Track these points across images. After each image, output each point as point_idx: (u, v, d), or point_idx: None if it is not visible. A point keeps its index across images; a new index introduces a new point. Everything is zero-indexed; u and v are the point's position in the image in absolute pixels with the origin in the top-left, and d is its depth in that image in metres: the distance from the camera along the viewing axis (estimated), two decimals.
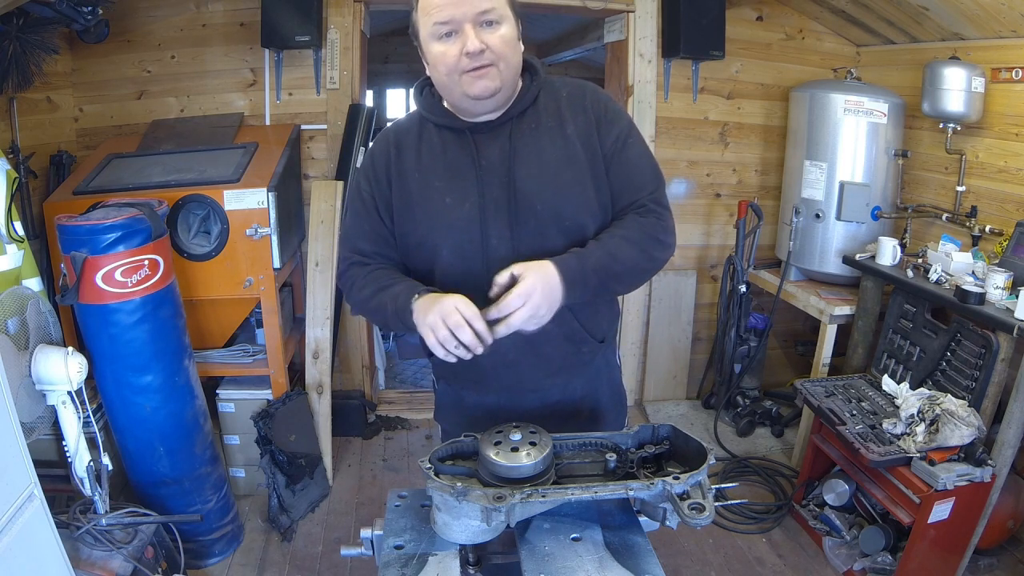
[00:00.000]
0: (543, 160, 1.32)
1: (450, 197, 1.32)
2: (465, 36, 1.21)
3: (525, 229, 1.31)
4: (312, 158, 3.32)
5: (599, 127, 1.35)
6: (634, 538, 1.16)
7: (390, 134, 1.42)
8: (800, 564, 2.57)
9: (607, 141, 1.35)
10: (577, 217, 1.33)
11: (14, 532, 1.43)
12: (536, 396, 1.46)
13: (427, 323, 1.19)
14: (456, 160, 1.33)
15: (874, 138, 2.98)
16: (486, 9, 1.21)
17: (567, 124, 1.34)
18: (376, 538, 1.23)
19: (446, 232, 1.33)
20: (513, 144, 1.32)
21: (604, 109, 1.37)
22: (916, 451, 2.21)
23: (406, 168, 1.36)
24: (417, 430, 3.53)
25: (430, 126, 1.37)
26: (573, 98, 1.37)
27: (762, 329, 3.41)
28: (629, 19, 3.33)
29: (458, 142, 1.34)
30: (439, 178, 1.34)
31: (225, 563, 2.52)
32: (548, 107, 1.36)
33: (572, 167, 1.32)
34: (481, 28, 1.21)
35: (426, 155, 1.35)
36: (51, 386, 1.96)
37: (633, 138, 1.38)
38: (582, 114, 1.35)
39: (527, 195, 1.30)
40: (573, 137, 1.33)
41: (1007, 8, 2.42)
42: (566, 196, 1.32)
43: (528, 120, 1.34)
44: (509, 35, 1.25)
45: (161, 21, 3.15)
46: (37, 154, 2.79)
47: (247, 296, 2.68)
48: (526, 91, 1.35)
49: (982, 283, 2.39)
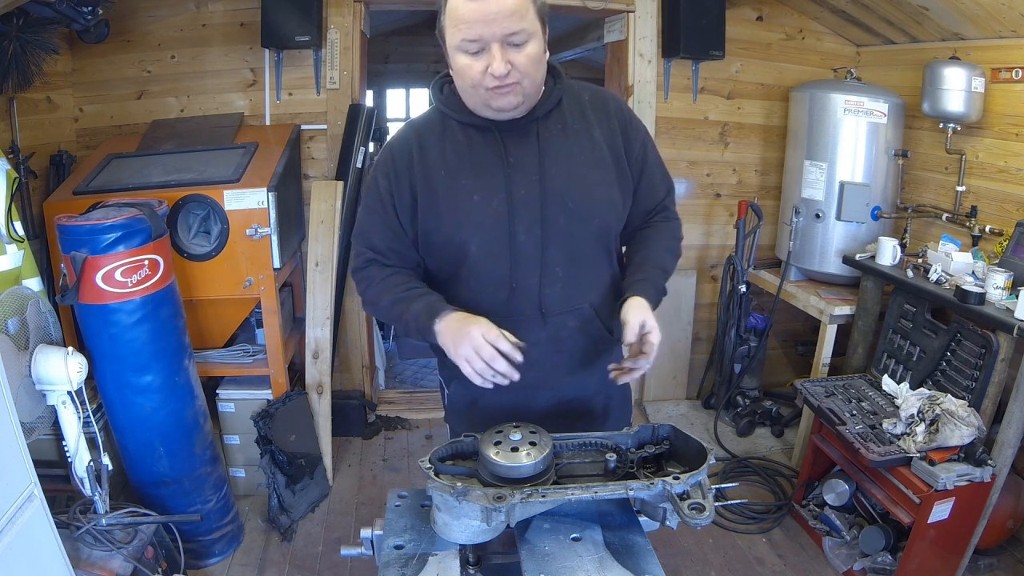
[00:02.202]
0: (573, 160, 1.35)
1: (478, 195, 1.33)
2: (492, 56, 1.21)
3: (555, 227, 1.34)
4: (312, 158, 3.32)
5: (624, 133, 1.41)
6: (634, 538, 1.16)
7: (411, 131, 1.42)
8: (800, 564, 2.57)
9: (633, 148, 1.41)
10: (604, 216, 1.39)
11: (14, 532, 1.43)
12: (552, 394, 1.47)
13: (461, 355, 1.24)
14: (483, 157, 1.34)
15: (874, 138, 2.98)
16: (515, 31, 1.20)
17: (593, 128, 1.38)
18: (376, 538, 1.23)
19: (474, 230, 1.34)
20: (542, 144, 1.34)
21: (628, 117, 1.44)
22: (916, 451, 2.21)
23: (431, 166, 1.36)
24: (417, 430, 3.53)
25: (453, 123, 1.37)
26: (596, 103, 1.41)
27: (762, 329, 3.41)
28: (629, 19, 3.33)
29: (485, 140, 1.35)
30: (466, 175, 1.34)
31: (225, 563, 2.52)
32: (572, 109, 1.39)
33: (600, 169, 1.37)
34: (508, 48, 1.21)
35: (451, 152, 1.36)
36: (51, 386, 1.96)
37: (651, 145, 1.47)
38: (606, 119, 1.40)
39: (558, 193, 1.33)
40: (600, 140, 1.38)
41: (1007, 8, 2.42)
42: (595, 196, 1.36)
43: (554, 121, 1.36)
44: (536, 52, 1.25)
45: (161, 21, 3.15)
46: (37, 154, 2.79)
47: (247, 296, 2.68)
48: (549, 93, 1.36)
49: (982, 283, 2.39)
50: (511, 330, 1.34)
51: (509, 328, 1.34)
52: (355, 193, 3.19)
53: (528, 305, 1.37)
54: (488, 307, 1.37)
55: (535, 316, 1.38)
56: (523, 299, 1.37)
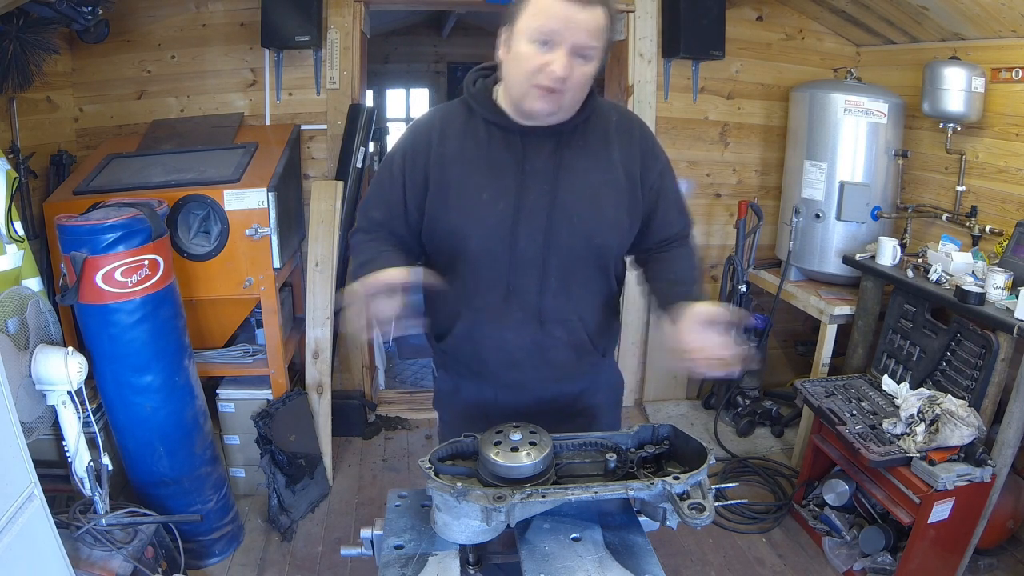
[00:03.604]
0: (588, 179, 1.36)
1: (487, 193, 1.35)
2: (557, 57, 1.21)
3: (557, 239, 1.35)
4: (312, 158, 3.32)
5: (643, 160, 1.42)
6: (634, 538, 1.16)
7: (436, 118, 1.43)
8: (800, 564, 2.57)
9: (650, 176, 1.42)
10: (607, 237, 1.39)
11: (14, 532, 1.43)
12: (533, 394, 1.48)
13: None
14: (499, 158, 1.35)
15: (874, 138, 2.98)
16: (589, 45, 1.21)
17: (614, 150, 1.39)
18: (376, 538, 1.23)
19: (476, 226, 1.35)
20: (560, 156, 1.35)
21: (651, 146, 1.45)
22: (916, 451, 2.21)
23: (448, 157, 1.37)
24: (417, 430, 3.53)
25: (478, 118, 1.38)
26: (622, 126, 1.42)
27: (762, 329, 3.41)
28: (629, 19, 3.33)
29: (504, 141, 1.36)
30: (480, 173, 1.36)
31: (225, 563, 2.52)
32: (597, 128, 1.39)
33: (612, 191, 1.38)
34: (574, 58, 1.22)
35: (470, 147, 1.37)
36: (51, 386, 1.96)
37: (671, 174, 1.48)
38: (629, 143, 1.41)
39: (566, 207, 1.35)
40: (618, 163, 1.39)
41: (1007, 8, 2.42)
42: (602, 216, 1.37)
43: (577, 137, 1.37)
44: (591, 73, 1.27)
45: (161, 21, 3.15)
46: (37, 154, 2.79)
47: (247, 296, 2.68)
48: (580, 109, 1.36)
49: (982, 283, 2.39)
50: (499, 330, 1.39)
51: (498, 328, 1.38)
52: (355, 193, 3.19)
53: (520, 310, 1.39)
54: (482, 305, 1.40)
55: (526, 321, 1.39)
56: (517, 303, 1.38)
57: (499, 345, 1.41)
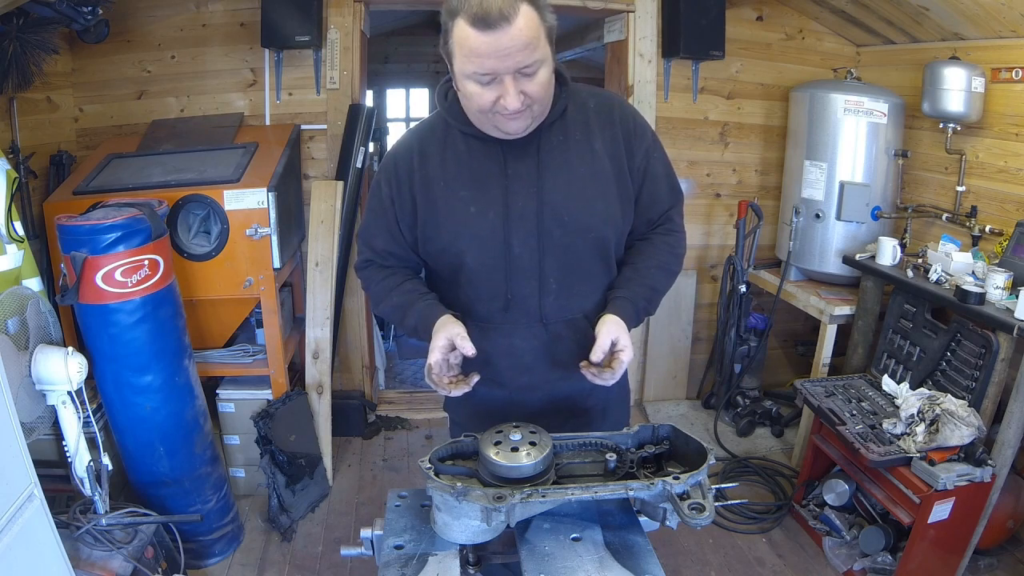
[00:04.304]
0: (572, 174, 1.35)
1: (475, 206, 1.34)
2: (505, 88, 1.18)
3: (551, 239, 1.34)
4: (312, 158, 3.32)
5: (627, 142, 1.38)
6: (634, 538, 1.16)
7: (413, 139, 1.41)
8: (800, 564, 2.57)
9: (636, 157, 1.39)
10: (601, 229, 1.38)
11: (14, 532, 1.43)
12: (545, 394, 1.48)
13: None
14: (482, 169, 1.34)
15: (874, 138, 2.98)
16: (529, 63, 1.18)
17: (595, 138, 1.37)
18: (376, 538, 1.23)
19: (470, 241, 1.35)
20: (542, 157, 1.34)
21: (632, 123, 1.40)
22: (916, 451, 2.21)
23: (431, 176, 1.36)
24: (417, 430, 3.53)
25: (455, 132, 1.37)
26: (601, 111, 1.39)
27: (762, 329, 3.41)
28: (629, 19, 3.33)
29: (485, 150, 1.34)
30: (464, 187, 1.35)
31: (225, 563, 2.52)
32: (576, 119, 1.37)
33: (599, 181, 1.36)
34: (521, 79, 1.19)
35: (451, 162, 1.36)
36: (51, 386, 1.96)
37: (657, 152, 1.43)
38: (609, 128, 1.38)
39: (555, 207, 1.33)
40: (601, 151, 1.36)
41: (1007, 8, 2.42)
42: (592, 209, 1.36)
43: (556, 132, 1.35)
44: (547, 78, 1.23)
45: (161, 21, 3.15)
46: (37, 154, 2.79)
47: (247, 296, 2.68)
48: (555, 102, 1.34)
49: (982, 283, 2.39)
50: (507, 337, 1.39)
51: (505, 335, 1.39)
52: (355, 193, 3.19)
53: (523, 315, 1.39)
54: (485, 314, 1.40)
55: (530, 325, 1.40)
56: (519, 309, 1.39)
57: (507, 351, 1.41)
